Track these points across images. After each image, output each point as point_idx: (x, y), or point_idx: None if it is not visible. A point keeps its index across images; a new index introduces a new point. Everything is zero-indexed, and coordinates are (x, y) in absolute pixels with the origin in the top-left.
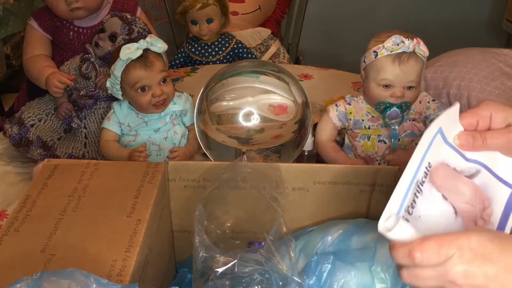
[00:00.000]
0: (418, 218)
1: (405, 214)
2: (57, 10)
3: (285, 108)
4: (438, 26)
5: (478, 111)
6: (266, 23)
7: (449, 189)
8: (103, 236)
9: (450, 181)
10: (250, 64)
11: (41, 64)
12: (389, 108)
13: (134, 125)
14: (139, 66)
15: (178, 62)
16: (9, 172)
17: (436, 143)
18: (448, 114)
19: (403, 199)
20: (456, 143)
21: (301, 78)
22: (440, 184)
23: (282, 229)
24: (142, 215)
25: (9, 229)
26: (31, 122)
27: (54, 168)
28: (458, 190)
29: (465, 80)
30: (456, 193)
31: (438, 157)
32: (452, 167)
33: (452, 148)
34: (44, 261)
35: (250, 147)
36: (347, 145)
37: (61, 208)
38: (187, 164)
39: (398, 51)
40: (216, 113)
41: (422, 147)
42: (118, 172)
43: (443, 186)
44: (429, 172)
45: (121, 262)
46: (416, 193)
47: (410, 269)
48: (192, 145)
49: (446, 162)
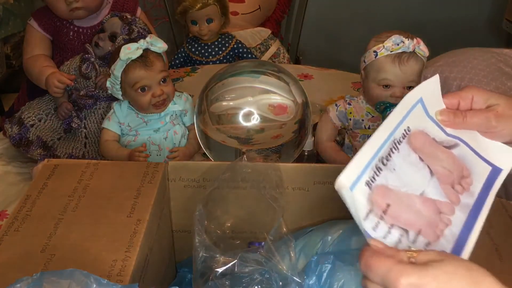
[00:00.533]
0: (392, 170)
1: (378, 164)
2: (57, 10)
3: (285, 108)
4: (438, 26)
5: (460, 93)
6: (266, 23)
7: (427, 153)
8: (103, 236)
9: (429, 147)
10: (250, 64)
11: (41, 64)
12: (389, 108)
13: (134, 125)
14: (139, 66)
15: (178, 62)
16: (9, 172)
17: (417, 112)
18: (428, 84)
19: (377, 152)
20: (438, 119)
21: (301, 78)
22: (418, 147)
23: (282, 229)
24: (142, 215)
25: (9, 229)
26: (31, 122)
27: (54, 168)
28: (436, 155)
29: (465, 80)
30: (433, 157)
31: (419, 125)
32: (431, 137)
33: (433, 121)
34: (44, 261)
35: (250, 147)
36: (347, 145)
37: (61, 208)
38: (187, 164)
39: (398, 51)
40: (216, 113)
41: (402, 109)
42: (118, 172)
43: (421, 149)
44: (408, 135)
45: (121, 262)
46: (393, 149)
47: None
48: (192, 145)
49: (426, 132)
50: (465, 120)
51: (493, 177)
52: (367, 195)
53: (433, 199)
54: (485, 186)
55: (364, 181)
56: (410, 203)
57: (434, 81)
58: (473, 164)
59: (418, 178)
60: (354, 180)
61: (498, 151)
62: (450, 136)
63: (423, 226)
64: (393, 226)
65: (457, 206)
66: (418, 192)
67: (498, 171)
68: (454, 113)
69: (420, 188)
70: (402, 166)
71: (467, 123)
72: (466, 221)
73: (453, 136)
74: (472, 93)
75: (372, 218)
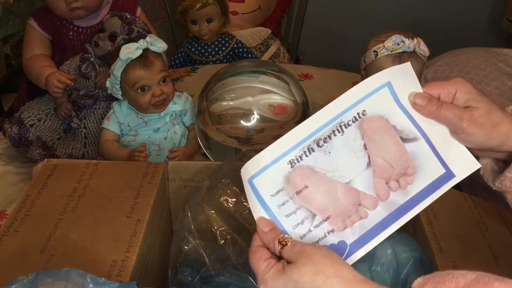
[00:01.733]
0: (327, 153)
1: (312, 145)
2: (57, 10)
3: (285, 108)
4: (438, 26)
5: (446, 84)
6: (266, 23)
7: (375, 141)
8: (102, 236)
9: (380, 135)
10: (250, 64)
11: (40, 64)
12: None
13: (134, 125)
14: (139, 66)
15: (178, 62)
16: (9, 172)
17: (381, 96)
18: (399, 70)
19: (314, 132)
20: (411, 99)
21: (301, 78)
22: (368, 133)
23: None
24: (141, 215)
25: (9, 229)
26: (31, 122)
27: (53, 168)
28: (383, 145)
29: (466, 80)
30: (378, 147)
31: (379, 110)
32: (392, 124)
33: (401, 107)
34: (44, 261)
35: (250, 147)
36: None
37: (60, 208)
38: (187, 164)
39: (398, 51)
40: (216, 113)
41: (360, 91)
42: (117, 172)
43: (371, 136)
44: (361, 119)
45: (121, 262)
46: (336, 131)
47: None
48: (192, 145)
49: (387, 118)
50: (439, 110)
51: (442, 181)
52: (286, 173)
53: (358, 190)
54: (428, 188)
55: (288, 159)
56: (330, 189)
57: (407, 67)
58: (424, 164)
59: (351, 166)
60: (260, 168)
61: (460, 156)
62: (416, 127)
63: (333, 214)
64: (301, 207)
65: (382, 202)
66: (346, 180)
67: (451, 176)
68: (430, 99)
69: (349, 176)
70: (339, 150)
71: (439, 113)
72: (384, 218)
73: (419, 128)
74: (456, 87)
75: (281, 196)
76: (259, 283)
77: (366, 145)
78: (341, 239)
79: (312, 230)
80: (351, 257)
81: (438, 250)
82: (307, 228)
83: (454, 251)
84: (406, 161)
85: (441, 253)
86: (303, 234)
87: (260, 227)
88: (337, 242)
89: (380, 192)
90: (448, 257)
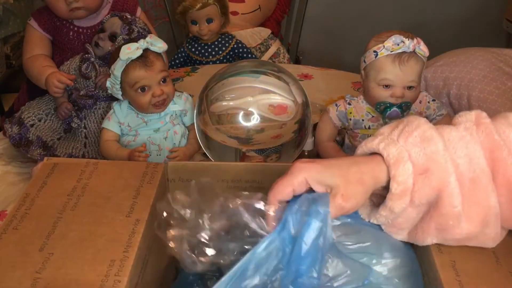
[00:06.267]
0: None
1: None
2: (57, 10)
3: (285, 108)
4: (438, 26)
5: (292, 179)
6: (266, 23)
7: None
8: (101, 236)
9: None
10: (250, 64)
11: (41, 64)
12: (389, 108)
13: (134, 125)
14: (139, 66)
15: (178, 62)
16: (9, 172)
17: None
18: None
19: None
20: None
21: (301, 78)
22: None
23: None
24: (141, 215)
25: (8, 227)
26: (31, 122)
27: (53, 167)
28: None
29: (466, 80)
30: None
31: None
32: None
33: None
34: (43, 259)
35: (250, 147)
36: (347, 145)
37: (60, 207)
38: (186, 164)
39: (398, 51)
40: (216, 113)
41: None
42: (117, 172)
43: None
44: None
45: (119, 262)
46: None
47: None
48: (192, 145)
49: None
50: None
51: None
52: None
53: None
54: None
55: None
56: None
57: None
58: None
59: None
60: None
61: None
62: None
63: None
64: None
65: None
66: None
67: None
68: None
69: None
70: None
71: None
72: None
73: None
74: (303, 175)
75: None
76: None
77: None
78: None
79: None
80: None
81: (437, 250)
82: None
83: (453, 250)
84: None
85: (440, 253)
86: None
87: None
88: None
89: None
90: (447, 256)
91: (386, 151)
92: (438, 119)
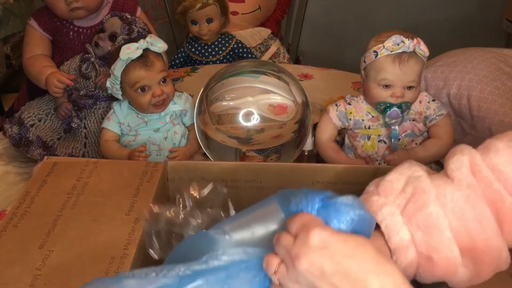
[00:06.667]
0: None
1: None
2: (57, 10)
3: (285, 108)
4: (438, 26)
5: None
6: (266, 23)
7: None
8: (101, 233)
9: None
10: (250, 64)
11: (41, 64)
12: (389, 108)
13: (134, 125)
14: (139, 66)
15: (178, 62)
16: (9, 172)
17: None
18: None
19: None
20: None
21: (301, 78)
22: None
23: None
24: (140, 213)
25: (8, 225)
26: (31, 122)
27: (53, 166)
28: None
29: (466, 80)
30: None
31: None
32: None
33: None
34: (42, 257)
35: (250, 147)
36: (347, 145)
37: (59, 205)
38: (186, 164)
39: (398, 51)
40: (216, 113)
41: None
42: (117, 171)
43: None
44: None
45: (119, 259)
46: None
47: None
48: (192, 145)
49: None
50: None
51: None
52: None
53: None
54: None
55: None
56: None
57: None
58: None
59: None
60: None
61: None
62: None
63: None
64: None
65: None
66: None
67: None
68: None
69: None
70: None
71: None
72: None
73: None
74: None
75: None
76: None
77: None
78: None
79: None
80: None
81: None
82: None
83: None
84: None
85: None
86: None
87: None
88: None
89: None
90: None
91: (387, 230)
92: (438, 119)
